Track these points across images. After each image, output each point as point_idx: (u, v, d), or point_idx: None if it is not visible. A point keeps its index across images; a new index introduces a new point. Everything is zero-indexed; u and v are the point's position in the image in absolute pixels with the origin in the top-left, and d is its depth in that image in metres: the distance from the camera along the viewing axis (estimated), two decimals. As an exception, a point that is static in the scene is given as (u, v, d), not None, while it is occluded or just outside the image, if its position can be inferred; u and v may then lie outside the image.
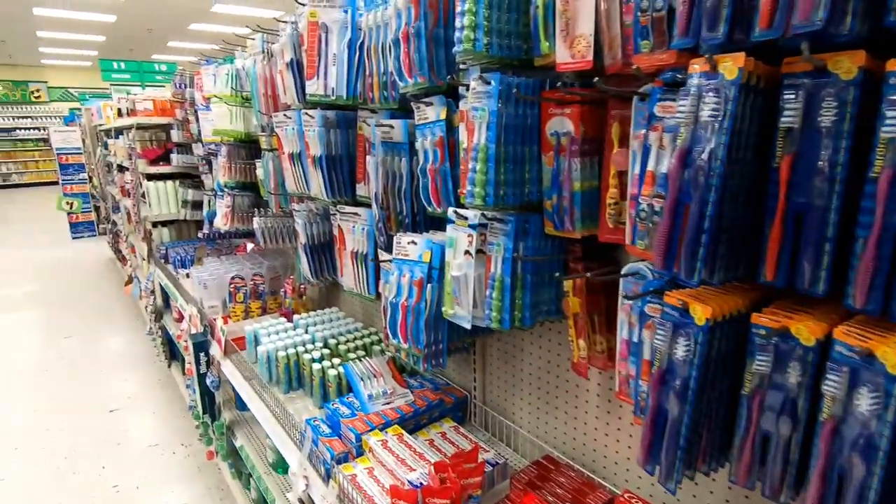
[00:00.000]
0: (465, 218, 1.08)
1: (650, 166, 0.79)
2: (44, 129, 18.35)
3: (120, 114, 4.68)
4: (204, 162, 3.40)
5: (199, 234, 3.35)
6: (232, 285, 2.44)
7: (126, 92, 8.19)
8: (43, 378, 4.07)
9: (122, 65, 8.36)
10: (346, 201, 1.68)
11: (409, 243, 1.25)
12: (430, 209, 1.28)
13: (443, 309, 1.18)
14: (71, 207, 9.28)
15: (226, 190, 2.74)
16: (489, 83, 0.94)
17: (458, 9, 0.90)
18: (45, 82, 18.49)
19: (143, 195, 3.66)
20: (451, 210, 1.12)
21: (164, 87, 8.17)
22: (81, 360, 4.38)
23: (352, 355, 1.84)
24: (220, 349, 2.17)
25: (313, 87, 1.48)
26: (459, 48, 0.92)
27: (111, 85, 8.13)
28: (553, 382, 1.39)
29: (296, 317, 2.20)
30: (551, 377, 1.39)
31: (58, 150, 9.14)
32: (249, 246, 3.41)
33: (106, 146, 6.01)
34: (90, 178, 9.35)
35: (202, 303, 2.57)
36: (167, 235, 3.92)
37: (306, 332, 2.07)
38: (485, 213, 1.03)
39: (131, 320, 5.27)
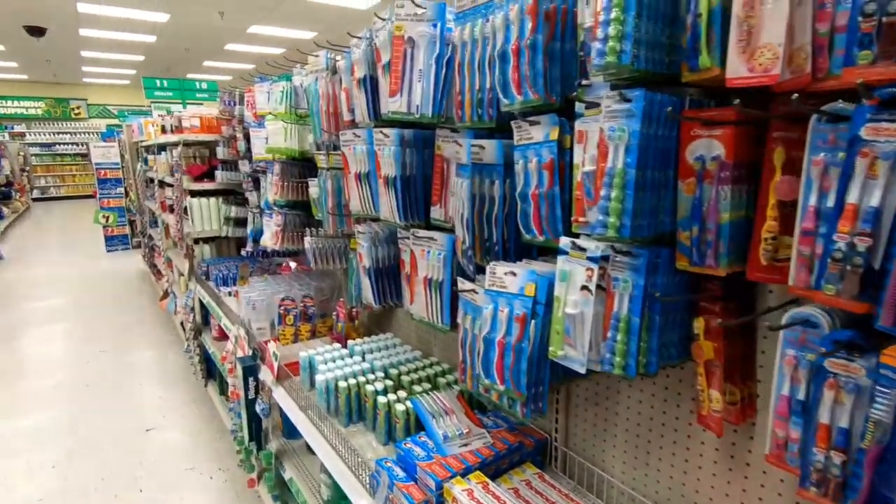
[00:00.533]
0: (583, 249, 0.97)
1: (852, 198, 0.66)
2: (82, 145, 19.00)
3: (164, 130, 4.73)
4: (249, 179, 3.37)
5: (242, 252, 3.31)
6: (282, 307, 2.36)
7: (166, 110, 8.38)
8: (80, 393, 4.04)
9: (165, 83, 8.56)
10: (419, 224, 1.58)
11: (506, 274, 1.14)
12: (526, 237, 1.17)
13: (550, 349, 1.06)
14: (107, 221, 9.47)
15: (275, 208, 2.68)
16: (629, 100, 0.84)
17: (602, 18, 0.80)
18: (85, 100, 19.17)
19: (185, 211, 3.65)
20: (564, 240, 1.01)
21: (202, 104, 8.34)
22: (117, 374, 4.36)
23: (417, 388, 1.73)
24: (272, 375, 2.08)
25: (396, 105, 1.39)
26: (601, 61, 0.82)
27: (151, 102, 8.33)
28: (656, 430, 1.25)
29: (350, 342, 2.11)
30: (654, 424, 1.25)
31: (97, 165, 9.37)
32: (292, 264, 3.35)
33: (146, 162, 6.10)
34: (126, 192, 9.55)
35: (250, 324, 2.50)
36: (208, 252, 3.90)
37: (363, 359, 1.97)
38: (614, 245, 0.92)
39: (166, 335, 5.25)
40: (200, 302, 3.71)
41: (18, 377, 4.36)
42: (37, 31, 10.75)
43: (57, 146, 18.80)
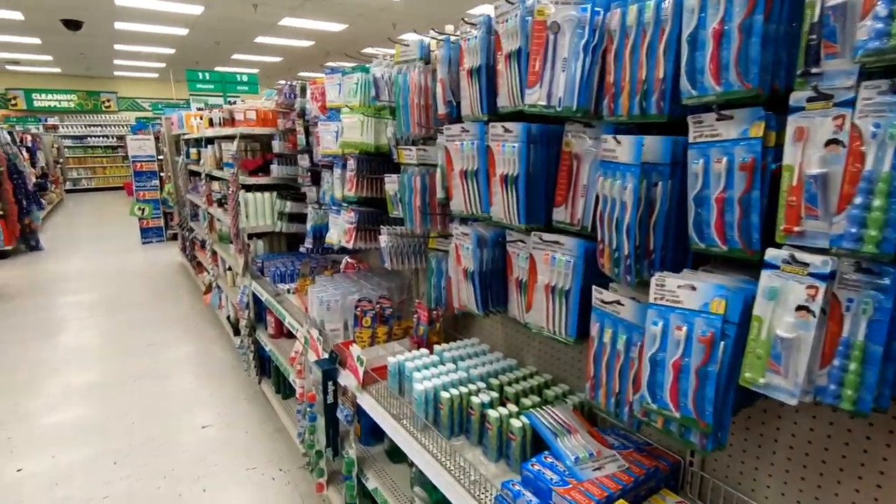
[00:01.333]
0: (805, 264, 0.84)
1: None
2: (112, 137, 19.29)
3: (212, 123, 4.69)
4: (308, 174, 3.29)
5: (301, 249, 3.23)
6: (359, 308, 2.27)
7: (204, 102, 8.39)
8: (130, 388, 4.04)
9: (207, 75, 8.56)
10: (539, 227, 1.46)
11: (680, 287, 1.02)
12: (699, 245, 1.05)
13: (745, 375, 0.93)
14: (142, 213, 9.56)
15: (346, 205, 2.59)
16: (901, 91, 0.70)
17: (889, -9, 0.67)
18: (115, 93, 19.45)
19: (239, 205, 3.59)
20: (775, 252, 0.88)
21: (239, 97, 8.33)
22: (165, 369, 4.35)
23: (526, 401, 1.62)
24: (356, 380, 1.99)
25: (534, 97, 1.27)
26: (882, 44, 0.68)
27: (190, 95, 8.34)
28: (833, 457, 1.12)
29: (437, 348, 2.01)
30: (832, 450, 1.12)
31: (133, 158, 9.44)
32: (346, 261, 3.26)
33: (188, 155, 6.09)
34: (161, 185, 9.62)
35: (323, 325, 2.41)
36: (262, 248, 3.84)
37: (455, 366, 1.87)
38: (858, 261, 0.79)
39: (210, 330, 5.24)
40: (254, 297, 3.65)
41: (67, 372, 4.38)
42: (73, 25, 10.86)
43: (89, 138, 19.11)
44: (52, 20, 10.69)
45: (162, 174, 9.57)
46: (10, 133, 10.25)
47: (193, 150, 5.87)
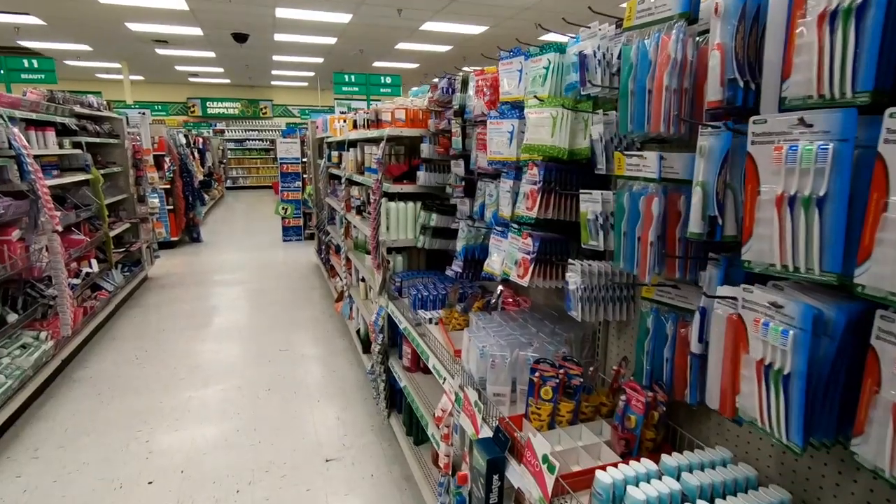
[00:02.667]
0: None
1: None
2: (266, 141, 21.24)
3: (356, 126, 4.45)
4: (461, 183, 2.77)
5: (448, 272, 2.72)
6: (536, 374, 1.65)
7: (347, 107, 8.51)
8: (262, 399, 3.88)
9: (352, 77, 8.70)
10: None
11: None
12: None
13: None
14: (285, 213, 10.05)
15: (515, 226, 2.00)
16: None
17: None
18: (271, 100, 21.37)
19: (381, 215, 3.19)
20: None
21: (380, 100, 8.31)
22: (295, 380, 4.16)
23: None
24: (541, 491, 1.37)
25: None
26: None
27: (335, 99, 8.51)
28: None
29: (667, 459, 1.31)
30: None
31: (281, 160, 9.97)
32: (499, 289, 2.66)
33: (329, 158, 6.04)
34: (303, 186, 10.04)
35: (483, 385, 1.84)
36: (401, 264, 3.43)
37: (700, 496, 1.16)
38: None
39: (340, 339, 5.04)
40: (389, 320, 3.23)
41: (206, 372, 4.40)
42: (241, 38, 11.90)
43: (247, 142, 21.25)
44: (224, 34, 11.81)
45: (305, 176, 9.97)
46: (185, 136, 11.49)
47: (335, 154, 5.78)
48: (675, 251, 1.35)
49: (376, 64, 16.02)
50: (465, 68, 2.69)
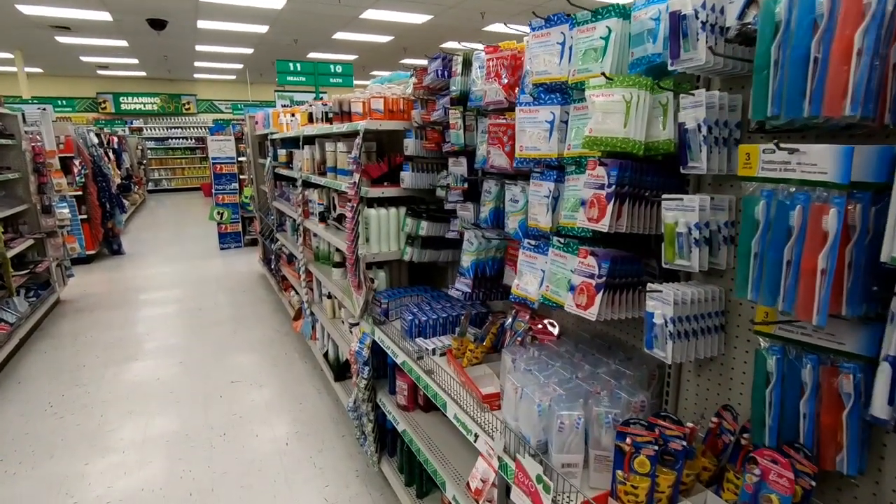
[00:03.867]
0: None
1: None
2: (191, 139, 19.60)
3: (312, 119, 3.86)
4: (462, 184, 2.32)
5: (453, 292, 2.26)
6: (627, 439, 1.25)
7: (290, 99, 7.75)
8: (218, 448, 3.25)
9: (298, 66, 7.89)
10: None
11: None
12: None
13: None
14: (221, 218, 9.12)
15: (560, 242, 1.58)
16: None
17: None
18: (195, 95, 19.74)
19: (358, 225, 2.68)
20: None
21: (325, 91, 7.59)
22: (257, 420, 3.55)
23: None
24: None
25: None
26: None
27: (275, 91, 7.72)
28: None
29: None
30: None
31: (213, 160, 9.01)
32: (516, 312, 2.25)
33: (276, 157, 5.37)
34: (241, 188, 9.14)
35: (544, 450, 1.42)
36: (384, 281, 2.93)
37: None
38: None
39: (302, 364, 4.44)
40: (375, 346, 2.74)
41: (141, 416, 3.67)
42: (158, 25, 10.68)
43: (169, 140, 19.51)
44: (139, 21, 10.55)
45: (242, 177, 9.09)
46: (97, 135, 10.16)
47: (283, 152, 5.13)
48: (845, 281, 0.98)
49: (311, 55, 15.10)
50: (467, 44, 2.24)
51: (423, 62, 2.45)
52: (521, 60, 1.85)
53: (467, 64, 2.17)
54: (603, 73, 1.36)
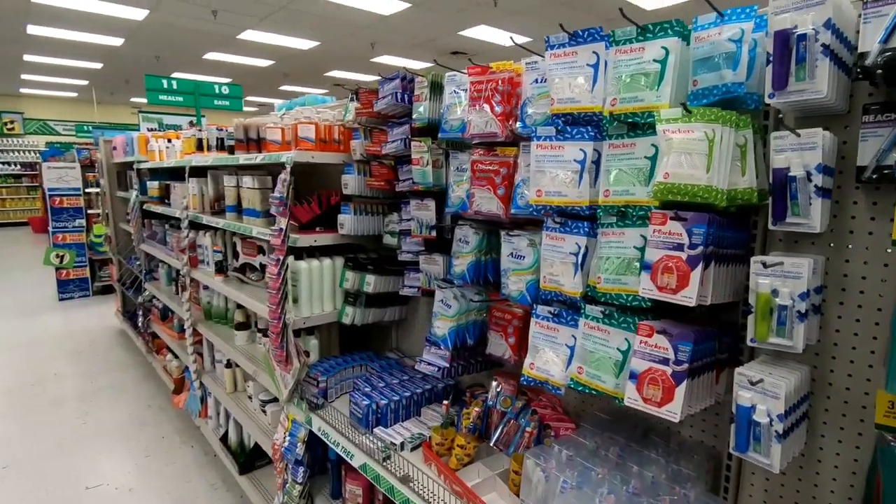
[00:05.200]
0: None
1: None
2: (15, 165, 16.34)
3: (201, 147, 3.15)
4: (427, 233, 1.91)
5: (420, 366, 1.80)
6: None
7: (158, 122, 6.63)
8: None
9: (174, 83, 6.71)
10: None
11: None
12: None
13: None
14: (61, 262, 7.45)
15: (598, 311, 1.24)
16: None
17: None
18: (21, 113, 16.62)
19: (285, 281, 2.10)
20: None
21: (204, 115, 6.57)
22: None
23: None
24: None
25: None
26: None
27: (139, 112, 6.54)
28: None
29: None
30: None
31: (50, 192, 7.37)
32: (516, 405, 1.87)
33: (145, 189, 4.41)
34: (89, 226, 7.59)
35: None
36: (316, 351, 2.34)
37: None
38: None
39: (191, 452, 3.52)
40: (313, 439, 2.13)
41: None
42: (-29, 25, 8.68)
43: (-15, 166, 16.04)
44: (-58, 18, 8.48)
45: (92, 212, 7.57)
46: None
47: (154, 185, 4.22)
48: None
49: (175, 75, 13.54)
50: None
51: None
52: (520, 85, 1.52)
53: (436, 88, 1.79)
54: (683, 105, 1.06)
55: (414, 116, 1.83)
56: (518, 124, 1.50)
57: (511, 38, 9.72)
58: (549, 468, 1.31)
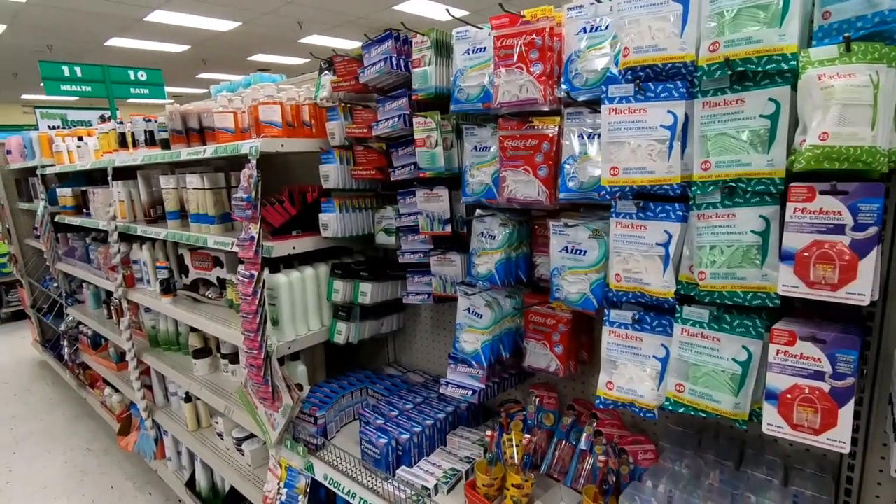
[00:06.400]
0: None
1: None
2: None
3: (125, 142, 2.61)
4: (440, 230, 1.58)
5: (447, 390, 1.49)
6: None
7: (61, 119, 5.72)
8: None
9: (77, 71, 5.71)
10: None
11: None
12: None
13: None
14: (-45, 288, 6.38)
15: (699, 313, 0.99)
16: None
17: None
18: None
19: (262, 300, 1.70)
20: None
21: (116, 106, 5.68)
22: None
23: None
24: None
25: None
26: None
27: (35, 108, 5.59)
28: None
29: None
30: None
31: (-70, 207, 6.24)
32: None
33: (54, 199, 3.72)
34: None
35: None
36: (303, 378, 1.96)
37: None
38: None
39: (146, 501, 3.02)
40: (316, 488, 1.78)
41: None
42: None
43: None
44: None
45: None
46: None
47: (66, 192, 3.55)
48: None
49: (75, 66, 12.02)
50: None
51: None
52: (560, 37, 1.22)
53: (442, 48, 1.44)
54: (846, 39, 0.80)
55: (415, 87, 1.48)
56: (563, 86, 1.20)
57: (447, 10, 9.36)
58: (642, 500, 1.06)
